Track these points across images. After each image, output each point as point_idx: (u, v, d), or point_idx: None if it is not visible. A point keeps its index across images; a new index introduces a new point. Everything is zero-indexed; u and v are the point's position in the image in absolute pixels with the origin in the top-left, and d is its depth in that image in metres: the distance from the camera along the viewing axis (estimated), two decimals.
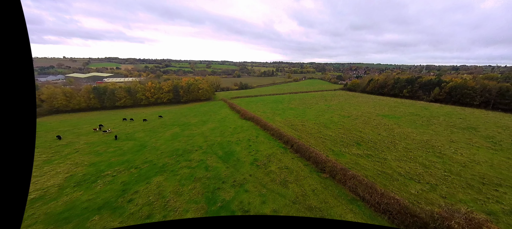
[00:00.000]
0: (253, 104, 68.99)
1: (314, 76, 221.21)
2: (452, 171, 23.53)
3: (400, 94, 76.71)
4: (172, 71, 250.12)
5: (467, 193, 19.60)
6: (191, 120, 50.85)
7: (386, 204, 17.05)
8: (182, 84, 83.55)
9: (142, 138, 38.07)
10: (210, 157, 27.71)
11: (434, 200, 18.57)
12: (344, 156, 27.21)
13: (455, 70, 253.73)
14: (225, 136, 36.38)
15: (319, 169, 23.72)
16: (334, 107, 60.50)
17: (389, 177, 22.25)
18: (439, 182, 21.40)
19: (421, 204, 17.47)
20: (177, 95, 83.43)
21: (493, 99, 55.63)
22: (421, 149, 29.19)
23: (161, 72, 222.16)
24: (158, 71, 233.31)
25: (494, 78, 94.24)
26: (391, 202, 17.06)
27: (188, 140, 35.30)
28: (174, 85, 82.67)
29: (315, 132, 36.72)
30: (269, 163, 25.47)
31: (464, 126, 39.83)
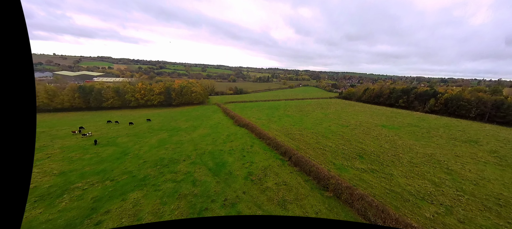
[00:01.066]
0: (248, 110, 66.41)
1: (310, 84, 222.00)
2: (465, 190, 21.62)
3: (395, 104, 76.30)
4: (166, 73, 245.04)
5: (486, 217, 17.57)
6: (181, 125, 47.57)
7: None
8: (175, 86, 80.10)
9: (125, 143, 34.53)
10: (199, 169, 24.69)
11: (452, 226, 16.40)
12: (347, 170, 24.88)
13: (444, 82, 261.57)
14: (217, 144, 33.44)
15: (322, 186, 21.19)
16: (331, 115, 58.77)
17: (399, 196, 20.01)
18: (453, 203, 19.38)
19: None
20: (169, 97, 79.78)
21: (488, 111, 55.53)
22: (427, 164, 27.31)
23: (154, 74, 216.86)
24: (151, 73, 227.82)
25: (483, 90, 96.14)
26: None
27: (176, 147, 32.10)
28: (166, 87, 79.10)
29: (314, 143, 34.40)
30: (265, 177, 22.74)
31: (465, 139, 38.65)
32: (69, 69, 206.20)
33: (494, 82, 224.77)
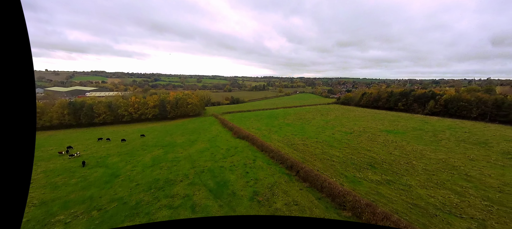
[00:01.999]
0: (247, 120, 64.33)
1: (305, 90, 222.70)
2: (492, 199, 19.83)
3: (395, 107, 75.70)
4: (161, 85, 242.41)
5: None
6: (177, 140, 44.96)
7: None
8: (170, 98, 77.68)
9: (116, 164, 31.72)
10: (199, 190, 22.20)
11: None
12: (361, 183, 22.82)
13: (436, 83, 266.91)
14: (217, 160, 31.01)
15: (337, 204, 19.00)
16: (333, 122, 57.23)
17: (424, 212, 18.02)
18: (484, 215, 17.51)
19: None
20: (163, 110, 77.13)
21: (489, 111, 55.06)
22: (443, 171, 25.55)
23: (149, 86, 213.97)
24: (146, 85, 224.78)
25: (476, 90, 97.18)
26: None
27: (171, 166, 29.51)
28: (160, 100, 76.58)
29: (320, 153, 32.38)
30: (273, 197, 20.43)
31: (474, 141, 37.36)
32: (61, 84, 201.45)
33: (484, 81, 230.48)
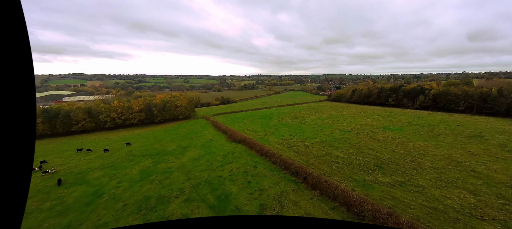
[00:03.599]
0: (240, 122, 61.82)
1: (295, 88, 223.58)
2: (506, 196, 19.29)
3: (385, 103, 76.85)
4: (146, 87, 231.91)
5: None
6: (168, 147, 41.52)
7: None
8: (156, 101, 72.95)
9: (98, 179, 28.02)
10: (197, 208, 19.57)
11: None
12: (373, 187, 21.41)
13: (416, 77, 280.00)
14: (214, 169, 28.38)
15: (355, 214, 17.30)
16: (329, 120, 56.38)
17: (445, 216, 16.90)
18: (505, 216, 16.79)
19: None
20: (150, 114, 72.30)
21: (476, 103, 57.03)
22: (451, 168, 24.94)
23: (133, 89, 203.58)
24: (130, 88, 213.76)
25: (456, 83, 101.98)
26: None
27: (163, 178, 26.45)
28: (146, 103, 71.67)
29: (323, 155, 30.83)
30: (283, 210, 18.35)
31: (469, 135, 37.83)
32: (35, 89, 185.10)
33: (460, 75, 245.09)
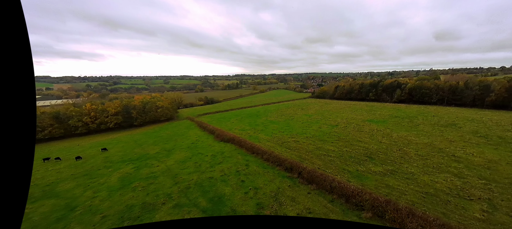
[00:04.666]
0: (227, 121, 60.12)
1: (279, 87, 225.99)
2: (486, 177, 20.63)
3: (366, 98, 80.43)
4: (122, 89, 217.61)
5: None
6: (150, 151, 38.59)
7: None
8: (135, 103, 68.06)
9: (71, 191, 24.77)
10: (188, 213, 17.92)
11: (510, 223, 14.19)
12: (366, 178, 21.55)
13: (390, 74, 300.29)
14: (204, 171, 26.68)
15: (354, 205, 17.06)
16: (315, 116, 57.15)
17: (437, 199, 17.47)
18: (489, 195, 17.85)
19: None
20: (128, 117, 67.23)
21: (446, 96, 61.95)
22: (434, 155, 26.24)
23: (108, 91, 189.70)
24: (104, 90, 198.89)
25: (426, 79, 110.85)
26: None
27: (147, 185, 24.15)
28: (123, 105, 66.48)
29: (315, 149, 30.72)
30: (282, 207, 17.51)
31: (445, 124, 40.64)
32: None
33: (429, 72, 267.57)
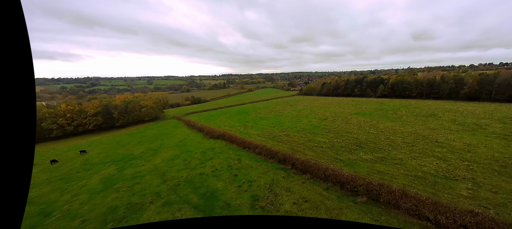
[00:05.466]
0: (216, 119, 58.78)
1: (267, 85, 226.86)
2: (467, 159, 21.86)
3: (352, 93, 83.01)
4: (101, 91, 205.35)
5: (505, 181, 17.43)
6: (135, 151, 36.45)
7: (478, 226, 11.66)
8: (116, 103, 64.26)
9: (45, 196, 22.47)
10: (179, 210, 16.86)
11: (492, 199, 15.04)
12: (358, 165, 21.84)
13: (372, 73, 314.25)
14: (194, 167, 25.54)
15: (349, 191, 17.07)
16: (304, 111, 57.72)
17: (426, 181, 18.07)
18: (472, 174, 18.83)
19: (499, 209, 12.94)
20: (109, 118, 63.29)
21: (425, 90, 65.64)
22: (419, 142, 27.36)
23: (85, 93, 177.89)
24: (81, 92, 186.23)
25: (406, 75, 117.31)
26: (476, 220, 11.85)
27: (133, 185, 22.56)
28: (104, 105, 62.48)
29: (306, 141, 30.76)
30: (277, 198, 17.06)
31: (426, 114, 42.84)
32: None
33: (407, 70, 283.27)
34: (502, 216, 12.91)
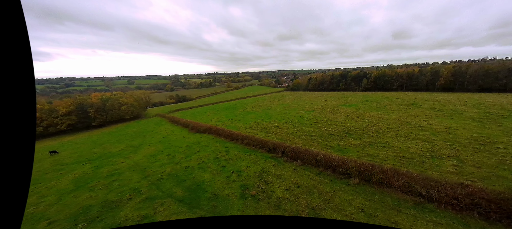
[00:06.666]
0: (202, 114, 56.78)
1: (254, 83, 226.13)
2: (450, 140, 22.51)
3: (337, 88, 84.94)
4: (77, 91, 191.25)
5: (486, 157, 18.10)
6: (113, 149, 33.73)
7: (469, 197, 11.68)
8: (93, 101, 59.62)
9: None
10: (161, 205, 15.36)
11: (477, 172, 15.44)
12: (348, 150, 21.70)
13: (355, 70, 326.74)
14: (178, 161, 23.92)
15: (341, 174, 16.68)
16: (292, 105, 57.68)
17: (414, 161, 18.33)
18: (456, 153, 19.39)
19: (485, 182, 13.22)
20: (85, 117, 58.53)
21: (405, 83, 68.78)
22: (403, 127, 28.04)
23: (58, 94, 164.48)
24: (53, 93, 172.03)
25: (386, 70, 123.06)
26: (466, 191, 11.91)
27: (110, 182, 20.49)
28: (78, 103, 57.62)
29: (295, 131, 30.32)
30: (268, 186, 16.19)
31: (407, 103, 44.57)
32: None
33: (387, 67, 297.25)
34: (490, 187, 13.15)
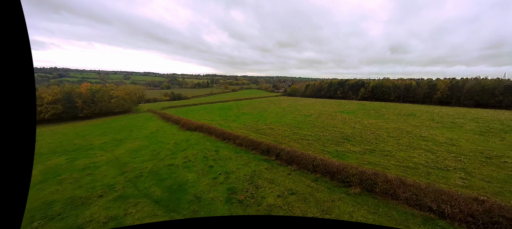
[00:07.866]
0: (195, 112, 54.72)
1: (251, 87, 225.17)
2: (454, 151, 21.36)
3: (334, 95, 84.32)
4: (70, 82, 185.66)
5: (494, 171, 16.80)
6: (95, 141, 31.34)
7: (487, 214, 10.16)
8: (81, 91, 56.84)
9: None
10: (134, 205, 13.33)
11: (486, 187, 14.03)
12: (347, 156, 20.15)
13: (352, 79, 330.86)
14: (162, 158, 21.88)
15: (340, 182, 15.01)
16: (289, 109, 56.30)
17: (419, 171, 16.83)
18: (462, 165, 18.07)
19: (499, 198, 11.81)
20: (71, 107, 55.57)
21: (402, 94, 68.55)
22: (404, 136, 26.84)
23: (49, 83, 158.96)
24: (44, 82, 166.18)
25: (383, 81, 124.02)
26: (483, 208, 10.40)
27: (82, 176, 18.29)
28: (65, 92, 54.74)
29: (291, 134, 28.71)
30: (259, 191, 14.37)
31: (406, 113, 43.74)
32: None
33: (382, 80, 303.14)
34: (509, 204, 11.70)
